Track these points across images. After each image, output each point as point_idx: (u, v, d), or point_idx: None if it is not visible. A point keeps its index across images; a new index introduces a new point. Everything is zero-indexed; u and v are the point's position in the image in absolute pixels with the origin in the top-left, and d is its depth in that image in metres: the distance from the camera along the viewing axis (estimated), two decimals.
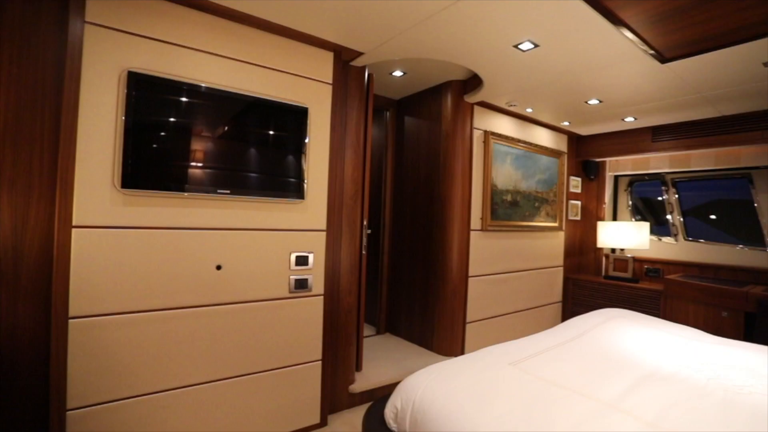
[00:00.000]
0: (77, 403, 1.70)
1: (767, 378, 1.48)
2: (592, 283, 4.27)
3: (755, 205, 3.74)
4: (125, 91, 1.73)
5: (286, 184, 2.23)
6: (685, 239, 4.23)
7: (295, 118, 2.25)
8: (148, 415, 1.86)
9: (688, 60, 2.36)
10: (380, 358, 3.23)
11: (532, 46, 2.25)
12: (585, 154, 4.56)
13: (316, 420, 2.42)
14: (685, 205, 4.25)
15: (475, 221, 3.40)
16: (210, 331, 2.02)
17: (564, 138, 4.39)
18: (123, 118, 1.73)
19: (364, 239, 2.87)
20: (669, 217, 4.33)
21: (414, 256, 3.64)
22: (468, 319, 3.41)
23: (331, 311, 2.52)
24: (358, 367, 2.92)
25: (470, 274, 3.39)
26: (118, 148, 1.73)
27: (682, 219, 4.26)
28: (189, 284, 1.95)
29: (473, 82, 3.17)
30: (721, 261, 3.91)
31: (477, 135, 3.43)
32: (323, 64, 2.39)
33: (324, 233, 2.41)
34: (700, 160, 4.00)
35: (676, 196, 4.29)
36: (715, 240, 4.01)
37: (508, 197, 3.66)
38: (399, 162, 3.89)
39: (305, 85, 2.32)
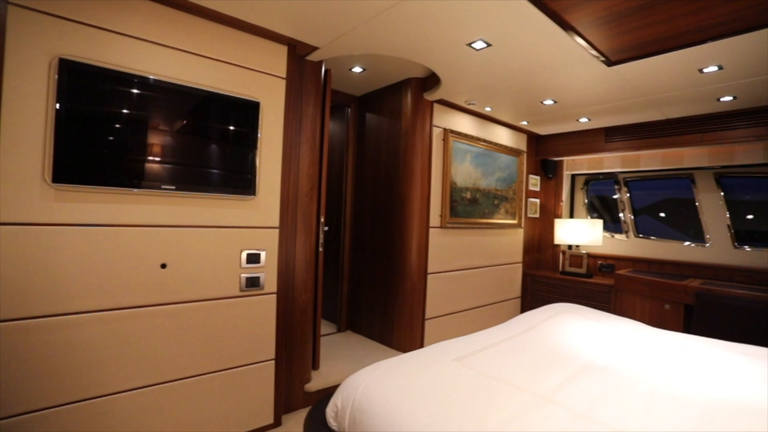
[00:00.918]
0: (7, 411, 1.60)
1: (690, 368, 1.57)
2: (550, 279, 4.40)
3: (696, 204, 3.95)
4: (56, 80, 1.63)
5: (237, 179, 2.18)
6: (636, 236, 4.43)
7: (245, 112, 2.19)
8: (87, 421, 1.78)
9: (633, 63, 2.45)
10: (339, 356, 3.21)
11: (485, 45, 2.28)
12: (543, 153, 4.69)
13: (270, 420, 2.38)
14: (640, 204, 4.45)
15: (435, 218, 3.44)
16: (154, 332, 1.94)
17: (523, 137, 4.50)
18: (55, 109, 1.63)
19: (321, 236, 2.84)
20: (621, 215, 4.52)
21: (374, 253, 3.64)
22: (427, 316, 3.45)
23: (285, 309, 2.48)
24: (315, 366, 2.90)
25: (429, 270, 3.42)
26: (48, 141, 1.63)
27: (633, 217, 4.45)
28: (130, 284, 1.87)
29: (432, 79, 3.19)
30: (668, 256, 4.12)
31: (437, 133, 3.46)
32: (276, 58, 2.34)
33: (277, 230, 2.37)
34: (649, 160, 4.19)
35: (628, 194, 4.48)
36: (665, 236, 4.21)
37: (468, 195, 3.71)
38: (360, 159, 3.87)
39: (257, 78, 2.26)
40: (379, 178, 3.62)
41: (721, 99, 3.03)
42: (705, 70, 2.50)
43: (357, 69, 3.16)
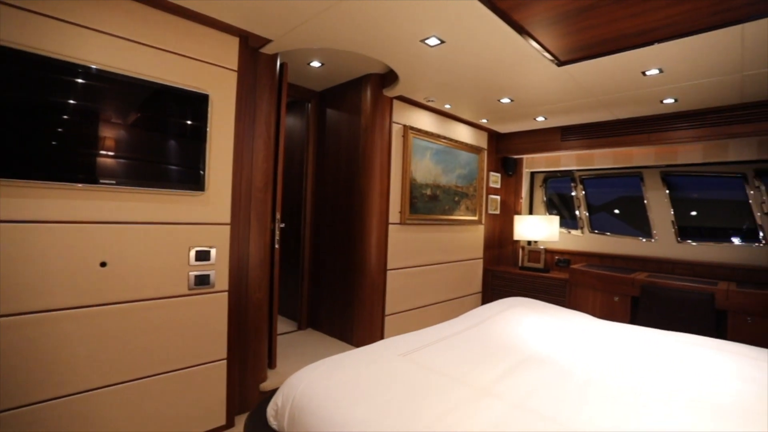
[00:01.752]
0: None
1: (625, 358, 1.64)
2: (509, 274, 4.51)
3: (645, 201, 4.14)
4: None
5: (184, 174, 2.10)
6: (590, 232, 4.60)
7: (194, 105, 2.11)
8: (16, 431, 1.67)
9: (581, 64, 2.53)
10: (298, 354, 3.17)
11: (439, 42, 2.29)
12: (504, 150, 4.79)
13: (222, 421, 2.32)
14: (599, 201, 4.61)
15: (394, 215, 3.44)
16: (93, 334, 1.85)
17: (484, 135, 4.58)
18: None
19: (277, 233, 2.79)
20: (577, 211, 4.68)
21: (335, 249, 3.61)
22: (387, 312, 3.46)
23: (238, 307, 2.42)
24: (272, 365, 2.85)
25: (389, 267, 3.43)
26: None
27: (587, 213, 4.62)
28: (64, 284, 1.77)
29: (391, 76, 3.19)
30: (619, 251, 4.30)
31: (396, 129, 3.46)
32: (227, 50, 2.27)
33: (228, 227, 2.31)
34: (602, 159, 4.35)
35: (583, 192, 4.64)
36: (620, 233, 4.38)
37: (428, 191, 3.74)
38: (321, 155, 3.83)
39: (206, 70, 2.19)
40: (339, 174, 3.59)
41: (664, 101, 3.18)
42: (647, 73, 2.61)
43: (315, 63, 3.12)
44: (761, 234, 3.52)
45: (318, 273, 3.82)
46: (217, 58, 2.23)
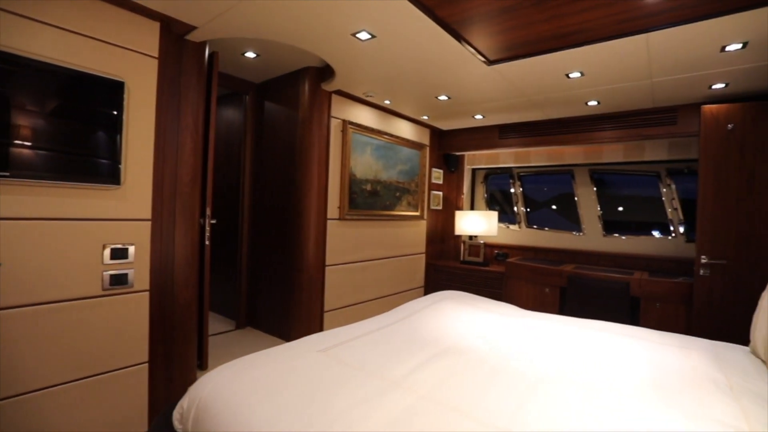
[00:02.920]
0: None
1: (535, 346, 1.73)
2: (450, 268, 4.62)
3: (575, 198, 4.39)
4: None
5: (96, 166, 1.96)
6: (527, 226, 4.81)
7: (108, 92, 1.97)
8: None
9: (510, 64, 2.62)
10: (233, 355, 3.07)
11: (370, 36, 2.29)
12: (446, 147, 4.89)
13: (144, 427, 2.21)
14: (541, 198, 4.81)
15: (333, 210, 3.42)
16: None
17: (426, 131, 4.65)
18: None
19: (208, 229, 2.69)
20: (515, 207, 4.88)
21: (273, 246, 3.54)
22: (326, 308, 3.43)
23: (162, 307, 2.31)
24: (203, 366, 2.75)
25: (328, 263, 3.41)
26: None
27: (525, 209, 4.83)
28: None
29: (329, 69, 3.15)
30: (553, 245, 4.53)
31: (335, 124, 3.43)
32: (146, 35, 2.14)
33: (149, 223, 2.18)
34: (538, 157, 4.56)
35: (521, 188, 4.84)
36: (559, 227, 4.60)
37: (368, 187, 3.75)
38: (259, 149, 3.72)
39: (123, 56, 2.05)
40: (277, 169, 3.51)
41: (588, 103, 3.38)
42: (571, 76, 2.76)
43: (250, 54, 3.02)
44: (671, 228, 3.84)
45: (257, 270, 3.72)
46: (134, 43, 2.09)
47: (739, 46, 2.19)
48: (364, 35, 2.28)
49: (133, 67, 2.09)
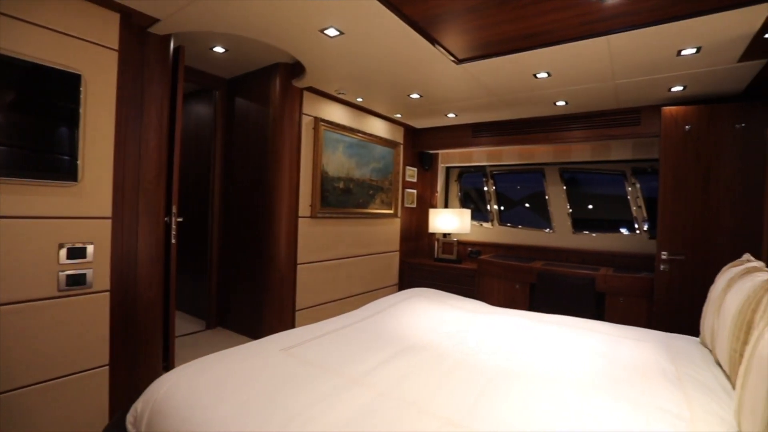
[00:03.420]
0: None
1: (496, 341, 1.77)
2: (424, 266, 4.66)
3: (546, 197, 4.49)
4: None
5: (52, 162, 1.89)
6: (500, 224, 4.89)
7: (63, 85, 1.90)
8: None
9: (479, 63, 2.65)
10: (201, 355, 2.99)
11: (338, 33, 2.27)
12: (420, 145, 4.92)
13: None
14: (516, 196, 4.89)
15: (304, 208, 3.39)
16: None
17: (400, 130, 4.66)
18: None
19: (174, 227, 2.63)
20: (488, 205, 4.95)
21: (244, 244, 3.48)
22: (299, 307, 3.41)
23: (124, 308, 2.25)
24: (169, 368, 2.68)
25: (300, 261, 3.38)
26: None
27: (497, 207, 4.91)
28: None
29: (300, 66, 3.11)
30: (524, 242, 4.62)
31: (307, 121, 3.40)
32: (106, 27, 2.07)
33: (109, 221, 2.12)
34: (510, 155, 4.63)
35: (494, 187, 4.92)
36: (532, 225, 4.68)
37: (341, 184, 3.73)
38: (229, 146, 3.66)
39: (80, 48, 1.98)
40: (248, 166, 3.46)
41: (557, 103, 3.45)
42: (538, 76, 2.81)
43: (219, 49, 2.96)
44: (636, 225, 3.98)
45: (228, 269, 3.66)
46: (92, 35, 2.02)
47: (694, 50, 2.28)
48: (332, 32, 2.26)
49: (90, 59, 2.02)
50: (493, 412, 1.15)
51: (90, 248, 2.04)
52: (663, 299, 3.04)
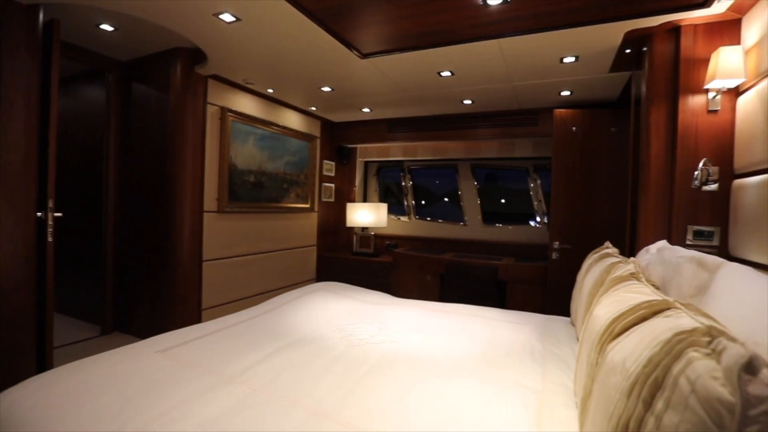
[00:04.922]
0: None
1: (389, 331, 1.82)
2: (342, 260, 4.66)
3: (459, 192, 4.71)
4: None
5: None
6: (416, 218, 5.04)
7: None
8: None
9: (385, 59, 2.69)
10: None
11: (234, 18, 2.18)
12: (338, 139, 4.90)
13: None
14: (440, 191, 5.03)
15: (211, 202, 3.23)
16: None
17: (317, 123, 4.61)
18: None
19: (51, 223, 2.36)
20: (405, 200, 5.08)
21: (144, 241, 3.23)
22: (205, 305, 3.25)
23: None
24: None
25: (206, 257, 3.22)
26: None
27: (413, 201, 5.05)
28: None
29: (202, 52, 2.94)
30: (439, 235, 4.81)
31: (213, 111, 3.23)
32: None
33: None
34: (424, 151, 4.79)
35: (411, 182, 5.05)
36: (451, 219, 4.85)
37: (252, 178, 3.60)
38: (126, 134, 3.35)
39: None
40: (147, 157, 3.20)
41: (464, 101, 3.62)
42: (442, 74, 2.93)
43: (107, 27, 2.68)
44: (537, 218, 4.32)
45: (126, 268, 3.37)
46: None
47: (573, 59, 2.51)
48: (227, 17, 2.16)
49: None
50: (364, 399, 1.18)
51: None
52: (554, 285, 3.34)
